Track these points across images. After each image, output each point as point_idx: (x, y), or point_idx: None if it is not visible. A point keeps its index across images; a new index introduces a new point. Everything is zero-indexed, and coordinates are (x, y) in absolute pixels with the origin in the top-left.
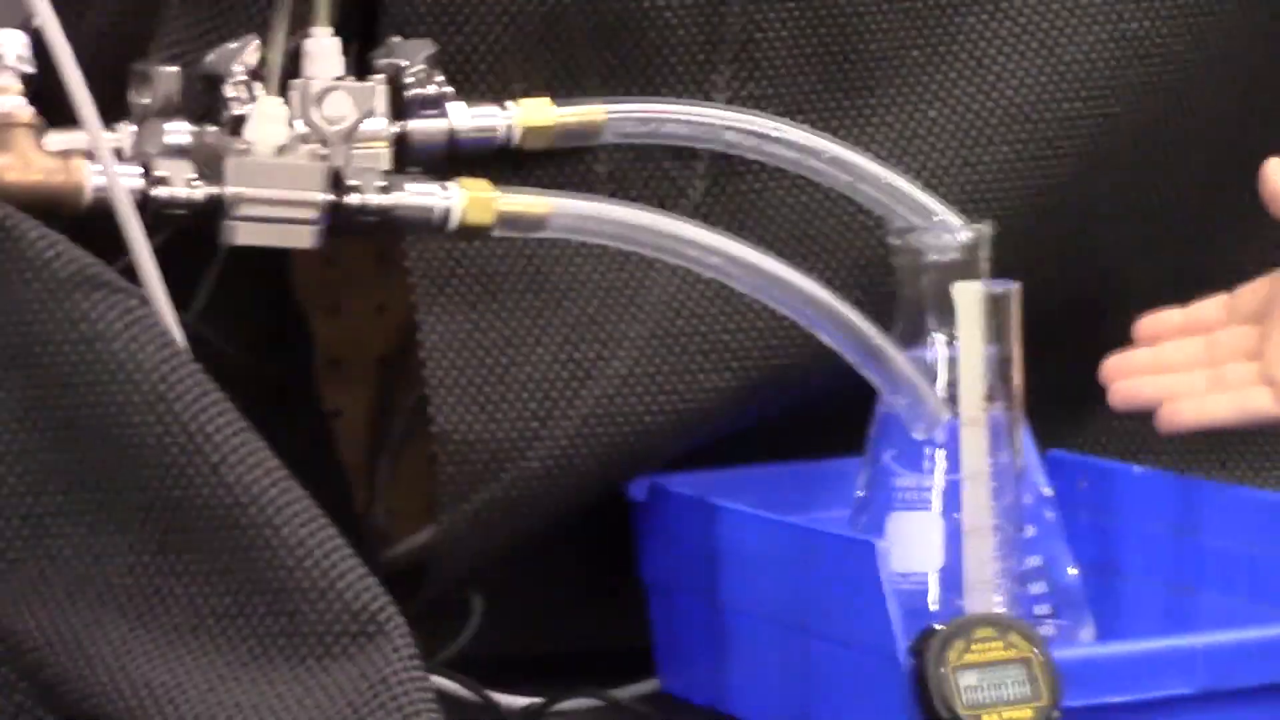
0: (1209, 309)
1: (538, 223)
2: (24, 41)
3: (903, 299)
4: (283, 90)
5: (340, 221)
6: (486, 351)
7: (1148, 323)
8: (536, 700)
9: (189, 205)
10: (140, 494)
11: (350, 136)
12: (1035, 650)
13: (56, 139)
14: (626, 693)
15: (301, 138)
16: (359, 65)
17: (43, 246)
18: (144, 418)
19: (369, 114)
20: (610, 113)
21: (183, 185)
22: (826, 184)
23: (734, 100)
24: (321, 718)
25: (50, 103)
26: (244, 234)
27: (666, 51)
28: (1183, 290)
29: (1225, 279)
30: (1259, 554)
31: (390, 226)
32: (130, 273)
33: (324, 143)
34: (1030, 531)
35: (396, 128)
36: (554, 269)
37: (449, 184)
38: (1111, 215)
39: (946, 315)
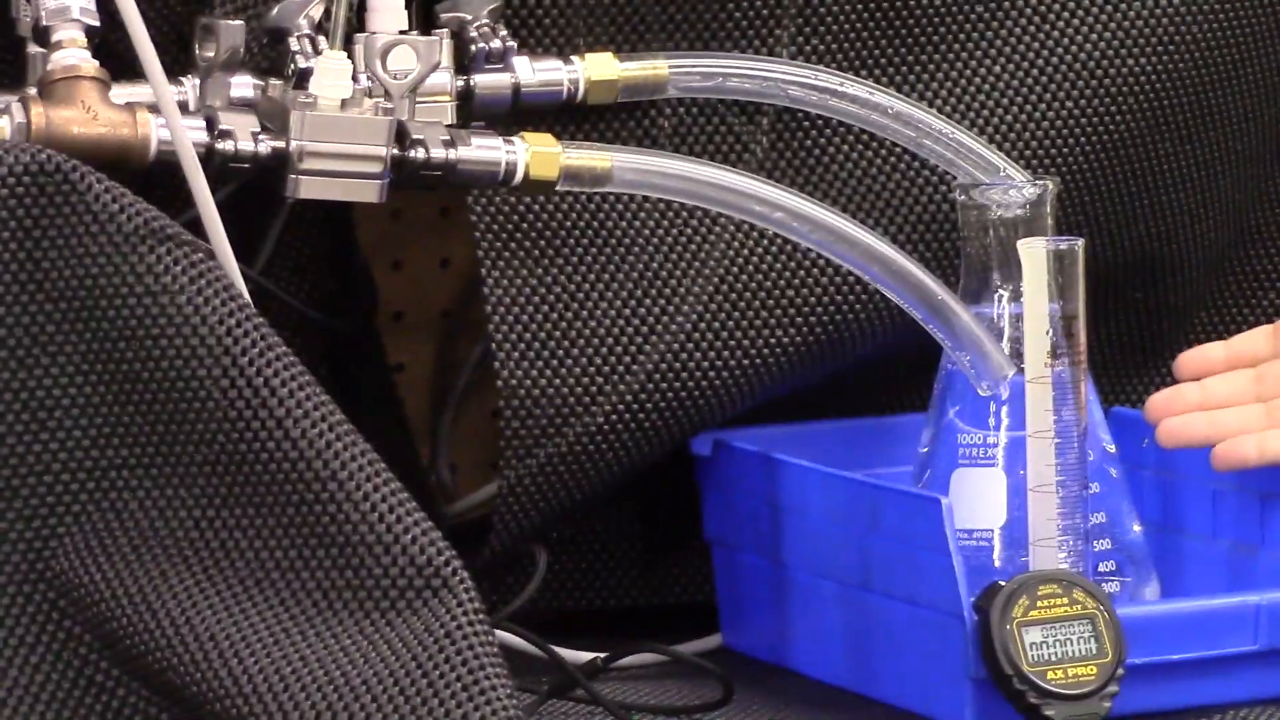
0: (1253, 340)
1: (602, 177)
2: None
3: (967, 255)
4: (347, 44)
5: (404, 176)
6: (551, 306)
7: (1190, 358)
8: (599, 654)
9: (253, 159)
10: (205, 448)
11: (414, 90)
12: (1100, 607)
13: (121, 92)
14: (689, 648)
15: (366, 92)
16: (423, 19)
17: (109, 199)
18: (209, 371)
19: (433, 68)
20: (673, 68)
21: (247, 139)
22: (890, 140)
23: (798, 56)
24: (386, 671)
25: (115, 56)
26: (308, 188)
27: (731, 7)
28: (1246, 249)
29: None
30: None
31: (454, 181)
32: (195, 227)
33: (388, 97)
34: (1094, 488)
35: (460, 82)
36: (618, 224)
37: (513, 138)
38: (1175, 171)
39: (1011, 271)
